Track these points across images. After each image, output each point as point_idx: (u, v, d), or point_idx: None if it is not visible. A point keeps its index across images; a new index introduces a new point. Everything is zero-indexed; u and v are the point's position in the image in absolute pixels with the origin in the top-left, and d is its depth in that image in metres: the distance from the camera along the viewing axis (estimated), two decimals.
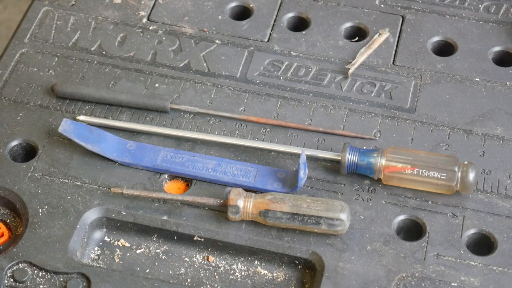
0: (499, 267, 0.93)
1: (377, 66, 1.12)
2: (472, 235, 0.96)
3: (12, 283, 0.92)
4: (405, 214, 0.97)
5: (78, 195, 0.99)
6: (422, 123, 1.05)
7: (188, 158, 1.02)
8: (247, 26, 1.16)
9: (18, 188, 0.99)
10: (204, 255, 0.97)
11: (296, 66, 1.12)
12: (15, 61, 1.12)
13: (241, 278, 0.95)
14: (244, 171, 1.00)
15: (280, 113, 1.06)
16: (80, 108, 1.07)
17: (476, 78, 1.10)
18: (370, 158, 0.98)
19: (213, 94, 1.08)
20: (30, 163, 1.02)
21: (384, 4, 1.19)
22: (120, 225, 0.98)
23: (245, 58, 1.12)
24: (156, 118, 1.06)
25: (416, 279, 0.92)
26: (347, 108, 1.07)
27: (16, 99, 1.08)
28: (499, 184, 1.00)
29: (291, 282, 0.95)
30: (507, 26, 1.16)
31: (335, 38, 1.15)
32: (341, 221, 0.93)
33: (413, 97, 1.08)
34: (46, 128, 1.05)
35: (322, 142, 1.04)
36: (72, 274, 0.93)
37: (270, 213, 0.94)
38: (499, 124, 1.05)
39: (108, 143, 1.02)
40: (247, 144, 1.03)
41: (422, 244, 0.95)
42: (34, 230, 0.96)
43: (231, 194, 0.96)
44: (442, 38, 1.15)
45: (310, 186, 1.00)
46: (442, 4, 1.18)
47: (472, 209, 0.97)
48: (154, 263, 0.96)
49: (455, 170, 0.97)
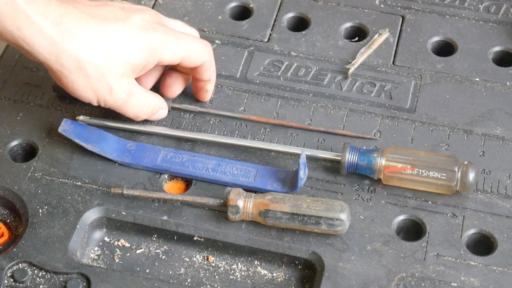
0: (499, 267, 0.93)
1: (377, 66, 1.12)
2: (472, 235, 0.96)
3: (12, 283, 0.92)
4: (405, 214, 0.97)
5: (78, 195, 0.99)
6: (422, 123, 1.05)
7: (188, 158, 1.02)
8: (247, 26, 1.16)
9: (18, 188, 0.99)
10: (204, 255, 0.97)
11: (296, 66, 1.12)
12: (15, 61, 1.12)
13: (241, 278, 0.95)
14: (244, 171, 1.00)
15: (280, 113, 1.06)
16: (80, 108, 1.07)
17: (476, 78, 1.10)
18: (370, 158, 0.98)
19: (213, 94, 1.08)
20: (30, 163, 1.02)
21: (384, 4, 1.19)
22: (120, 225, 0.98)
23: (245, 58, 1.12)
24: None
25: (416, 279, 0.92)
26: (347, 108, 1.07)
27: (16, 99, 1.08)
28: (499, 184, 1.00)
29: (291, 282, 0.95)
30: (507, 26, 1.16)
31: (335, 38, 1.15)
32: (341, 221, 0.93)
33: (413, 97, 1.08)
34: (46, 128, 1.05)
35: (322, 142, 1.04)
36: (72, 274, 0.93)
37: (270, 213, 0.94)
38: (499, 124, 1.05)
39: (108, 143, 1.02)
40: (247, 144, 1.03)
41: (422, 244, 0.95)
42: (34, 230, 0.96)
43: (231, 194, 0.96)
44: (442, 38, 1.15)
45: (310, 186, 1.00)
46: (442, 4, 1.18)
47: (472, 209, 0.97)
48: (154, 263, 0.96)
49: (455, 170, 0.97)
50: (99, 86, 0.96)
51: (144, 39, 0.97)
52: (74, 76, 0.95)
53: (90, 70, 0.95)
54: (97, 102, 0.98)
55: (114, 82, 0.97)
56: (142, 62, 0.98)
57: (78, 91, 0.97)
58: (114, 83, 0.97)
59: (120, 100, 0.99)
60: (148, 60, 0.98)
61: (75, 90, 0.97)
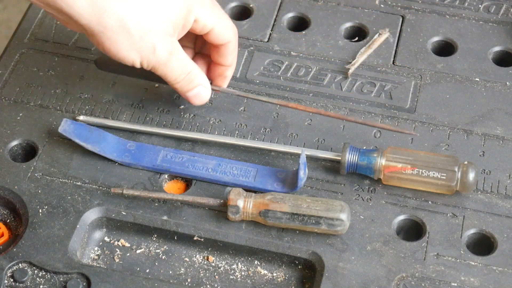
0: (499, 267, 0.93)
1: (377, 66, 1.12)
2: (472, 235, 0.96)
3: (12, 283, 0.92)
4: (405, 214, 0.97)
5: (78, 195, 0.99)
6: (422, 123, 1.05)
7: (188, 158, 1.02)
8: (247, 26, 1.16)
9: (18, 188, 0.99)
10: (204, 255, 0.97)
11: (296, 66, 1.12)
12: (15, 61, 1.12)
13: (241, 278, 0.95)
14: (244, 171, 1.00)
15: (280, 113, 1.06)
16: (80, 108, 1.07)
17: (476, 78, 1.10)
18: (370, 158, 0.98)
19: (213, 94, 1.08)
20: (30, 163, 1.02)
21: (384, 4, 1.19)
22: (120, 225, 0.98)
23: (245, 58, 1.12)
24: (156, 118, 1.06)
25: (416, 279, 0.92)
26: (347, 108, 1.07)
27: (16, 99, 1.08)
28: (499, 184, 1.00)
29: (291, 282, 0.95)
30: (507, 26, 1.16)
31: (335, 38, 1.15)
32: (341, 221, 0.94)
33: (413, 97, 1.08)
34: (46, 128, 1.05)
35: (322, 142, 1.04)
36: (72, 274, 0.93)
37: (270, 213, 0.94)
38: (499, 124, 1.05)
39: (108, 143, 1.02)
40: (247, 144, 1.03)
41: (422, 244, 0.95)
42: (34, 230, 0.96)
43: (231, 194, 0.96)
44: (442, 38, 1.15)
45: (310, 186, 1.00)
46: (442, 4, 1.18)
47: (472, 209, 0.97)
48: (154, 263, 0.96)
49: (455, 170, 0.97)
50: (143, 45, 0.95)
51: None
52: (117, 36, 0.94)
53: (133, 29, 0.93)
54: (140, 62, 0.97)
55: (157, 40, 0.95)
56: (181, 20, 0.97)
57: (122, 51, 0.95)
58: (157, 40, 0.95)
59: (163, 58, 0.97)
60: (186, 18, 0.97)
61: (118, 51, 0.95)
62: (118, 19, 0.93)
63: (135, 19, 0.94)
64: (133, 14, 0.93)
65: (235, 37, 1.02)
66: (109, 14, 0.92)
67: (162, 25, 0.95)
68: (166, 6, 0.95)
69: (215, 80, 1.05)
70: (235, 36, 1.02)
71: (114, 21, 0.93)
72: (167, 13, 0.95)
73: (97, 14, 0.92)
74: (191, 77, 1.01)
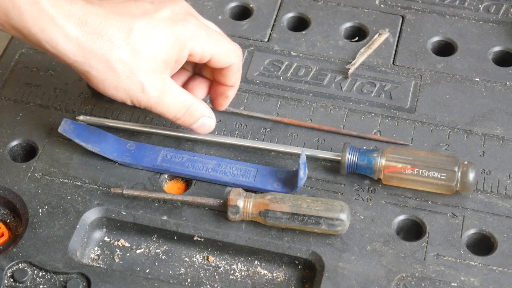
0: (499, 267, 0.93)
1: (377, 66, 1.12)
2: (472, 235, 0.96)
3: (12, 283, 0.92)
4: (405, 214, 0.97)
5: (78, 195, 0.99)
6: (422, 123, 1.05)
7: (188, 158, 1.02)
8: (247, 26, 1.16)
9: (18, 188, 0.99)
10: (204, 255, 0.97)
11: (296, 66, 1.12)
12: (15, 61, 1.12)
13: (241, 278, 0.95)
14: (244, 171, 1.00)
15: (280, 113, 1.06)
16: (80, 108, 1.07)
17: (476, 78, 1.10)
18: (370, 158, 0.98)
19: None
20: (30, 163, 1.02)
21: (384, 4, 1.19)
22: (120, 225, 0.98)
23: (245, 58, 1.12)
24: (156, 118, 1.06)
25: (416, 279, 0.92)
26: (347, 108, 1.07)
27: (16, 99, 1.08)
28: (499, 184, 1.00)
29: (291, 282, 0.95)
30: (507, 26, 1.16)
31: (335, 38, 1.15)
32: (341, 221, 0.94)
33: (413, 97, 1.08)
34: (46, 128, 1.05)
35: (322, 142, 1.04)
36: (72, 274, 0.93)
37: (270, 213, 0.94)
38: (499, 124, 1.05)
39: (108, 143, 1.02)
40: (247, 144, 1.03)
41: (422, 244, 0.95)
42: (34, 230, 0.96)
43: (231, 194, 0.96)
44: (442, 38, 1.15)
45: (310, 186, 1.00)
46: (442, 4, 1.18)
47: (472, 209, 0.97)
48: (154, 263, 0.96)
49: (455, 170, 0.97)
50: (130, 84, 0.93)
51: (173, 31, 0.94)
52: (104, 76, 0.92)
53: (119, 68, 0.92)
54: (131, 101, 0.95)
55: (145, 79, 0.93)
56: (173, 57, 0.94)
57: (110, 90, 0.94)
58: (145, 80, 0.93)
59: (154, 98, 0.95)
60: (179, 54, 0.95)
61: (106, 89, 0.94)
62: (103, 59, 0.91)
63: (120, 59, 0.92)
64: (118, 53, 0.92)
65: (238, 58, 0.99)
66: (93, 54, 0.91)
67: (150, 64, 0.93)
68: (155, 44, 0.93)
69: (216, 99, 1.03)
70: (238, 58, 0.99)
71: (99, 61, 0.92)
72: (156, 51, 0.93)
73: (81, 55, 0.91)
74: (191, 112, 0.98)
